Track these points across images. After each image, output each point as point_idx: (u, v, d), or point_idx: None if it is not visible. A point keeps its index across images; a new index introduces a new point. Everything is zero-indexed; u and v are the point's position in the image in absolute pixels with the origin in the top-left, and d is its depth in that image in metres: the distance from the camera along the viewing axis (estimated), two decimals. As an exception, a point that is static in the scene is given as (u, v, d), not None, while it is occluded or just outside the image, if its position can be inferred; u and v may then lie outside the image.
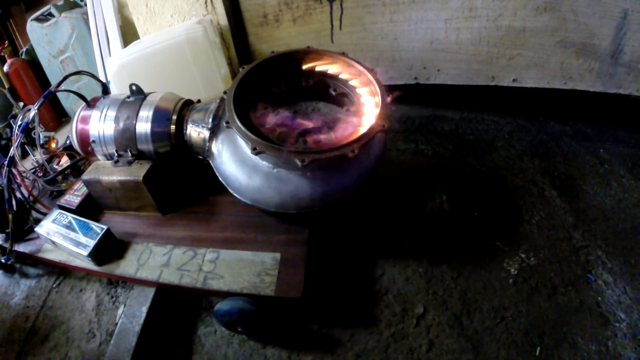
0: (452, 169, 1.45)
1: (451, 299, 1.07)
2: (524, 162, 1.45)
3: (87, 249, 1.04)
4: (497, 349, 0.96)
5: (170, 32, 1.51)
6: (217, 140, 1.09)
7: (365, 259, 1.18)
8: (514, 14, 1.37)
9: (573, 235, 1.18)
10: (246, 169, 1.02)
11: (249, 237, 1.08)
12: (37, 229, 1.14)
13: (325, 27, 1.58)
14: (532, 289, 1.07)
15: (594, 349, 0.94)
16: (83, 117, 1.20)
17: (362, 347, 1.00)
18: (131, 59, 1.46)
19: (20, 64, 2.43)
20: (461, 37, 1.48)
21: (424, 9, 1.45)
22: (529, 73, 1.49)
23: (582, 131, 1.57)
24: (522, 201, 1.30)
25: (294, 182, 0.98)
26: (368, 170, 1.04)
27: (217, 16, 1.63)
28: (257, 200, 1.02)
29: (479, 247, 1.18)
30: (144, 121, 1.13)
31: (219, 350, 1.04)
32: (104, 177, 1.12)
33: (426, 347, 0.98)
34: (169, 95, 1.20)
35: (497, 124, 1.65)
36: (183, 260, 1.05)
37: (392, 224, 1.27)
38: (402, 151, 1.56)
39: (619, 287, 1.04)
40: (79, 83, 2.22)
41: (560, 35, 1.37)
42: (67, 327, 1.14)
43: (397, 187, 1.40)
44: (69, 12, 2.21)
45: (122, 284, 1.20)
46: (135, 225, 1.17)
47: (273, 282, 0.96)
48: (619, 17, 1.27)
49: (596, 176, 1.37)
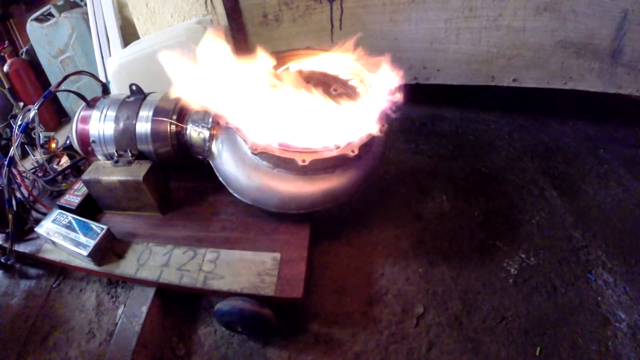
0: (452, 169, 1.45)
1: (451, 299, 1.07)
2: (524, 162, 1.45)
3: (87, 249, 1.04)
4: (497, 349, 0.96)
5: (170, 32, 1.51)
6: (217, 140, 1.09)
7: (365, 259, 1.18)
8: (514, 14, 1.37)
9: (573, 235, 1.18)
10: (246, 169, 1.01)
11: (249, 237, 1.08)
12: (37, 229, 1.14)
13: (325, 27, 1.58)
14: (532, 289, 1.07)
15: (594, 349, 0.94)
16: (83, 117, 1.20)
17: (362, 347, 1.00)
18: (131, 59, 1.46)
19: (20, 64, 2.42)
20: (461, 37, 1.48)
21: (424, 9, 1.45)
22: (529, 73, 1.49)
23: (582, 131, 1.57)
24: (522, 201, 1.30)
25: (294, 182, 0.98)
26: (368, 170, 1.04)
27: (217, 16, 1.63)
28: (257, 200, 1.02)
29: (479, 247, 1.18)
30: (144, 121, 1.13)
31: (219, 350, 1.04)
32: (104, 177, 1.12)
33: (426, 347, 0.98)
34: (169, 95, 1.20)
35: (497, 124, 1.65)
36: (183, 260, 1.05)
37: (392, 224, 1.27)
38: (402, 151, 1.56)
39: (619, 287, 1.04)
40: (79, 83, 2.22)
41: (560, 35, 1.37)
42: (67, 327, 1.14)
43: (397, 187, 1.40)
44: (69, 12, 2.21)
45: (122, 284, 1.20)
46: (135, 225, 1.17)
47: (273, 282, 0.96)
48: (619, 17, 1.27)
49: (596, 176, 1.37)
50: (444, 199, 1.33)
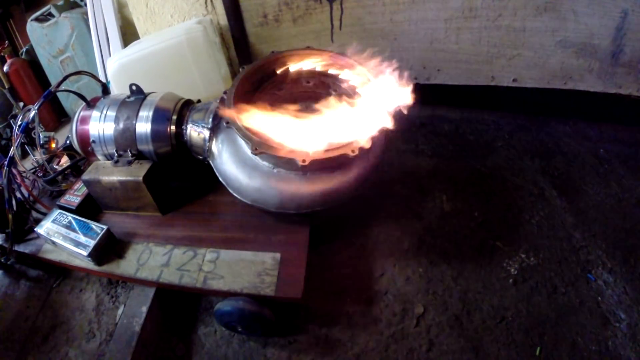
0: (452, 169, 1.45)
1: (451, 299, 1.07)
2: (524, 162, 1.45)
3: (87, 249, 1.04)
4: (497, 349, 0.96)
5: (170, 32, 1.50)
6: (217, 140, 1.09)
7: (365, 259, 1.18)
8: (514, 14, 1.37)
9: (573, 235, 1.18)
10: (246, 169, 1.02)
11: (249, 237, 1.08)
12: (37, 229, 1.13)
13: (325, 27, 1.58)
14: (532, 289, 1.07)
15: (594, 349, 0.94)
16: (83, 117, 1.20)
17: (362, 347, 1.00)
18: (131, 59, 1.46)
19: (20, 64, 2.42)
20: (461, 37, 1.48)
21: (424, 9, 1.44)
22: (529, 73, 1.49)
23: (582, 131, 1.57)
24: (522, 201, 1.30)
25: (294, 182, 0.98)
26: (368, 170, 1.04)
27: (217, 16, 1.63)
28: (257, 200, 1.02)
29: (479, 247, 1.18)
30: (144, 121, 1.13)
31: (219, 350, 1.04)
32: (104, 177, 1.12)
33: (426, 347, 0.98)
34: (169, 95, 1.20)
35: (497, 124, 1.65)
36: (183, 260, 1.05)
37: (392, 224, 1.27)
38: (402, 151, 1.56)
39: (619, 287, 1.04)
40: (79, 83, 2.22)
41: (560, 35, 1.37)
42: (67, 327, 1.14)
43: (397, 187, 1.40)
44: (69, 12, 2.21)
45: (122, 284, 1.20)
46: (135, 225, 1.17)
47: (273, 282, 0.96)
48: (619, 17, 1.27)
49: (596, 176, 1.37)
50: (444, 199, 1.33)
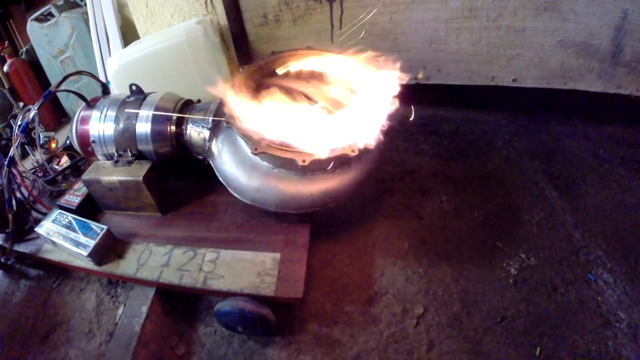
0: (452, 169, 1.45)
1: (451, 299, 1.07)
2: (524, 162, 1.45)
3: (87, 249, 1.04)
4: (497, 349, 0.96)
5: (170, 32, 1.50)
6: (217, 140, 1.09)
7: (365, 258, 1.18)
8: (514, 14, 1.37)
9: (573, 235, 1.18)
10: (246, 169, 1.02)
11: (249, 237, 1.08)
12: (37, 229, 1.14)
13: (325, 27, 1.58)
14: (532, 289, 1.07)
15: (594, 349, 0.94)
16: (83, 117, 1.20)
17: (362, 347, 1.00)
18: (131, 59, 1.46)
19: (20, 64, 2.42)
20: (461, 37, 1.48)
21: (424, 9, 1.44)
22: (529, 73, 1.49)
23: (582, 131, 1.57)
24: (522, 201, 1.30)
25: (294, 182, 0.98)
26: (368, 170, 1.04)
27: (217, 16, 1.63)
28: (257, 200, 1.02)
29: (479, 247, 1.18)
30: (144, 121, 1.13)
31: (219, 350, 1.04)
32: (104, 177, 1.12)
33: (426, 347, 0.98)
34: (169, 95, 1.20)
35: (497, 124, 1.65)
36: (183, 260, 1.05)
37: (392, 224, 1.27)
38: (402, 151, 1.56)
39: (619, 287, 1.04)
40: (79, 83, 2.22)
41: (560, 35, 1.37)
42: (67, 327, 1.14)
43: (397, 187, 1.40)
44: (69, 12, 2.21)
45: (122, 284, 1.20)
46: (135, 225, 1.17)
47: (273, 282, 0.96)
48: (619, 17, 1.27)
49: (596, 176, 1.37)
50: (444, 199, 1.33)
